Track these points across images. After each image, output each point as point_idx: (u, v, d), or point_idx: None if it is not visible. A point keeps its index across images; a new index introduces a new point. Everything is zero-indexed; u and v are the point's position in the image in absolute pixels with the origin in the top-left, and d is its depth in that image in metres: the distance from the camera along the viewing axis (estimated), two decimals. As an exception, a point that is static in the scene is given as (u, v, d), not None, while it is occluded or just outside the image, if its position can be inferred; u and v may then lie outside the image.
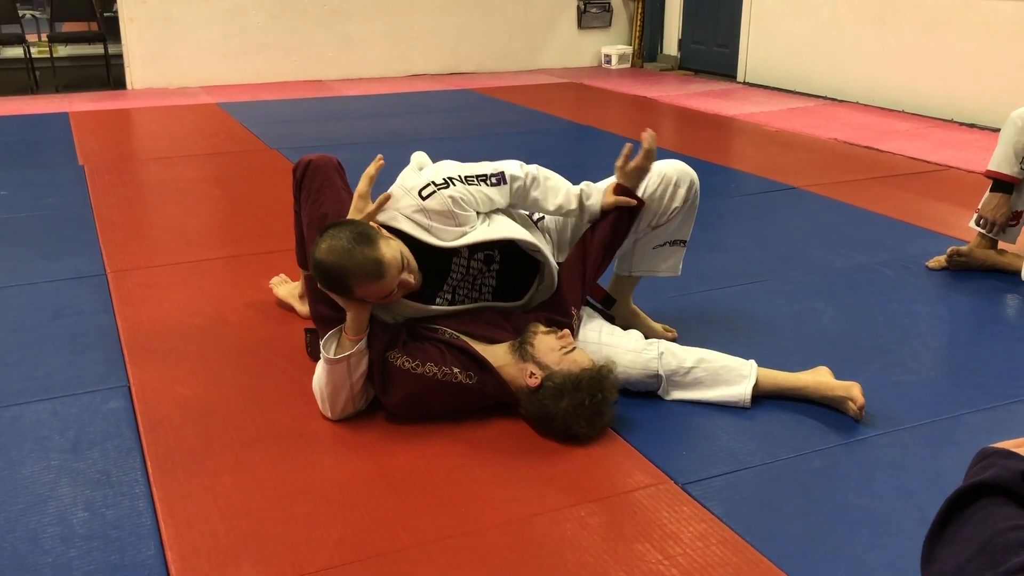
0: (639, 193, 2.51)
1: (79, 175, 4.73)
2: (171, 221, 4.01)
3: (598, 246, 2.46)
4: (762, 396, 2.36)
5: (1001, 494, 0.89)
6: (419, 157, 2.51)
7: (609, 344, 2.38)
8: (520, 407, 2.24)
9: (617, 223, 2.48)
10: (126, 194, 4.45)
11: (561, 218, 2.62)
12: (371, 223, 2.24)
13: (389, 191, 2.32)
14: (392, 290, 2.15)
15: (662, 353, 2.35)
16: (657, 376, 2.34)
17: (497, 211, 2.40)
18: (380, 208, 2.27)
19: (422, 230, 2.26)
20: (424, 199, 2.26)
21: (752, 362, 2.38)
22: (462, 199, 2.28)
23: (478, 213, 2.33)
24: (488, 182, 2.36)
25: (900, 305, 3.03)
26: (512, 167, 2.42)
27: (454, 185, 2.28)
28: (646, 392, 2.38)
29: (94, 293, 3.13)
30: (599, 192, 2.49)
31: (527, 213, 2.57)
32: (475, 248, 2.35)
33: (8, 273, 3.32)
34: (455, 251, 2.33)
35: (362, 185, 2.31)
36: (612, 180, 2.53)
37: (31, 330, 2.83)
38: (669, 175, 2.57)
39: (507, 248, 2.39)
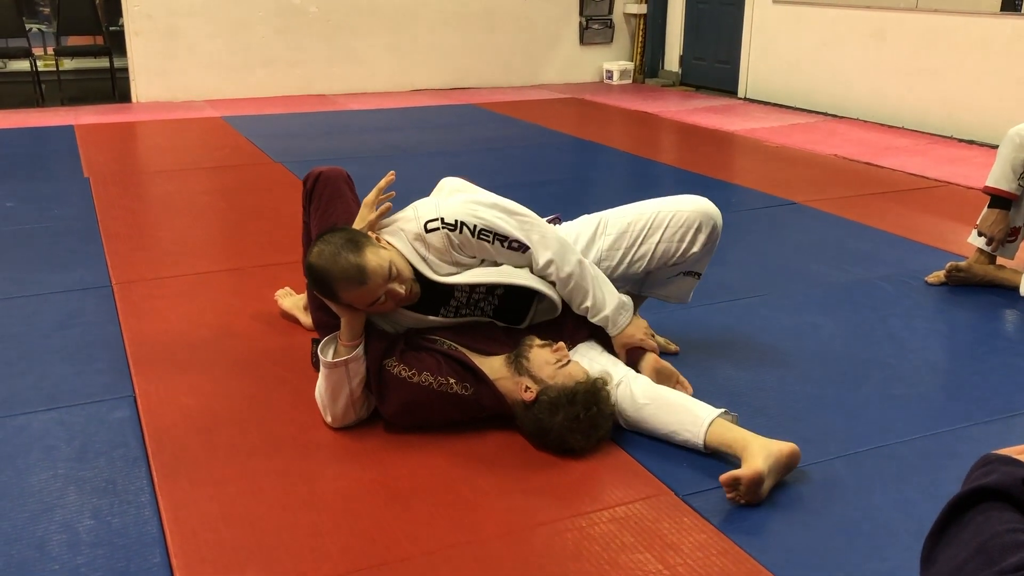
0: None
1: (84, 187, 4.76)
2: (176, 233, 4.04)
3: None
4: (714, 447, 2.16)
5: (1001, 499, 0.91)
6: (454, 183, 2.50)
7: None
8: (516, 420, 2.26)
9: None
10: (131, 206, 4.48)
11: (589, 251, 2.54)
12: (370, 232, 2.27)
13: (408, 207, 2.34)
14: (378, 298, 2.17)
15: (619, 383, 2.26)
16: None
17: None
18: (380, 217, 2.31)
19: (419, 258, 2.27)
20: (427, 232, 2.25)
21: (717, 412, 2.17)
22: (462, 246, 2.27)
23: (480, 259, 2.33)
24: (505, 244, 2.29)
25: (899, 320, 3.05)
26: (544, 253, 2.30)
27: (461, 232, 2.25)
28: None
29: (100, 304, 3.15)
30: (619, 337, 2.40)
31: None
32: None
33: (15, 284, 3.35)
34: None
35: (371, 195, 2.33)
36: (632, 341, 2.41)
37: (38, 341, 2.86)
38: (692, 219, 2.48)
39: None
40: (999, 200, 3.26)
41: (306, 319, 2.89)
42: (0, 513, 1.96)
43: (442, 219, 2.25)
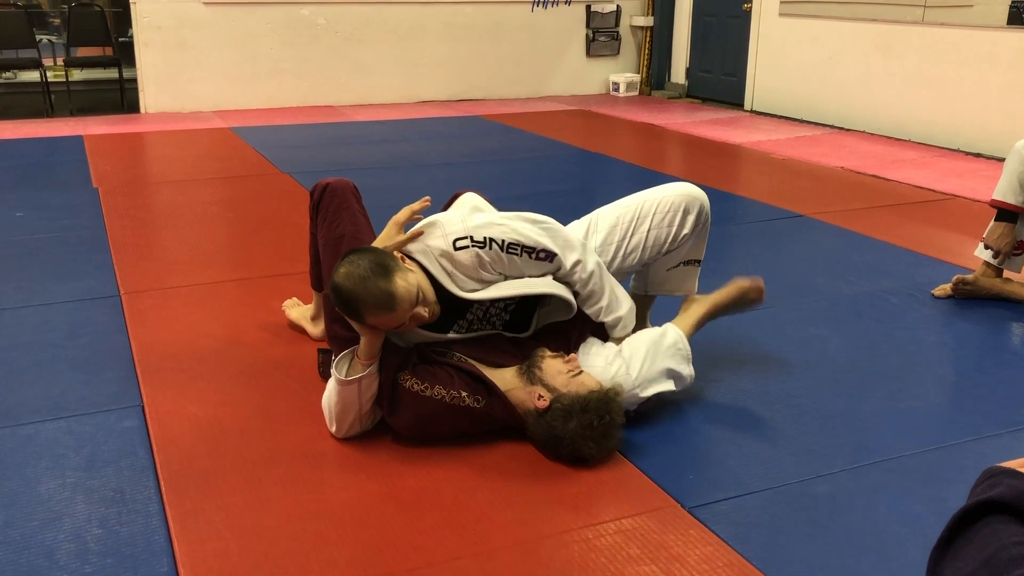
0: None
1: (93, 197, 4.78)
2: (184, 243, 4.06)
3: None
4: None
5: (1007, 512, 0.91)
6: (474, 200, 2.51)
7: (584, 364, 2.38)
8: (528, 430, 2.26)
9: None
10: (139, 216, 4.50)
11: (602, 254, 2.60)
12: (396, 252, 2.26)
13: (428, 220, 2.34)
14: (404, 322, 2.18)
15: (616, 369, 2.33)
16: (633, 395, 2.33)
17: None
18: (410, 240, 2.29)
19: (444, 274, 2.27)
20: (456, 249, 2.26)
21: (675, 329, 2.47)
22: (491, 263, 2.28)
23: (504, 275, 2.34)
24: (533, 255, 2.32)
25: (906, 332, 3.05)
26: (570, 256, 2.35)
27: (491, 248, 2.26)
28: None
29: (108, 314, 3.17)
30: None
31: None
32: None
33: (24, 293, 3.37)
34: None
35: (401, 214, 2.33)
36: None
37: (46, 350, 2.87)
38: (677, 202, 2.56)
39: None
40: (1006, 213, 3.26)
41: (313, 329, 2.90)
42: (9, 521, 1.97)
43: (471, 237, 2.26)
